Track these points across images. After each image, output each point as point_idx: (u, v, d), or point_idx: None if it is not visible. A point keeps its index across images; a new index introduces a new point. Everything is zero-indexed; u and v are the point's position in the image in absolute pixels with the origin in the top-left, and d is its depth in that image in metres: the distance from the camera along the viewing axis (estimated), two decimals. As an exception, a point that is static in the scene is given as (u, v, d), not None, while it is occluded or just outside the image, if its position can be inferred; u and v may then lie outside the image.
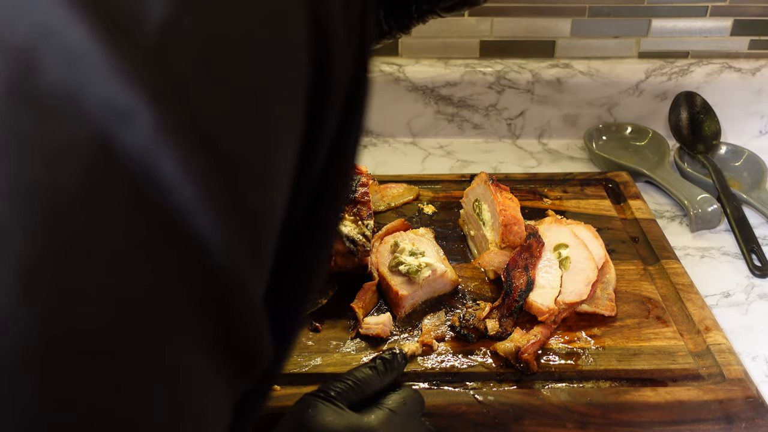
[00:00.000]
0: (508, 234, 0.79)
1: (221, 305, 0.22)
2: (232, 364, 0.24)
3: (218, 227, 0.21)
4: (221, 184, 0.21)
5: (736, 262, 0.88)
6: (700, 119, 1.11)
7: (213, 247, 0.21)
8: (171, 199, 0.20)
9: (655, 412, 0.63)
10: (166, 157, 0.20)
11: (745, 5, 1.12)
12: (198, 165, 0.20)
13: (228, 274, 0.22)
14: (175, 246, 0.21)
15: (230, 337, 0.23)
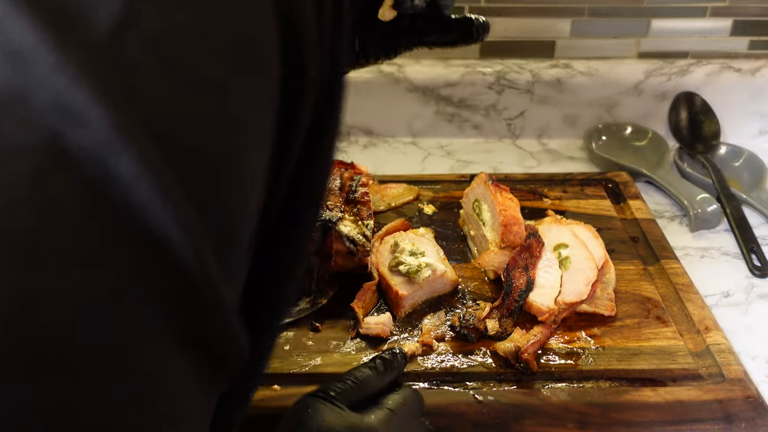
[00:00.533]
0: (508, 234, 0.79)
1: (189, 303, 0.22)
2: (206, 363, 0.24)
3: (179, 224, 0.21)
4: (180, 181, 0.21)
5: (736, 262, 0.88)
6: (700, 119, 1.11)
7: (176, 245, 0.21)
8: (129, 198, 0.20)
9: (655, 412, 0.63)
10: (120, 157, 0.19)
11: (745, 5, 1.12)
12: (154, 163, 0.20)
13: (193, 271, 0.21)
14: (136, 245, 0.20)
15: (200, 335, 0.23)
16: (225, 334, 0.24)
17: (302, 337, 0.73)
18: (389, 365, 0.58)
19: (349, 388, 0.54)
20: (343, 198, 0.80)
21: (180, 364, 0.23)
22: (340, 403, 0.52)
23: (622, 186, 0.98)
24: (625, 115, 1.16)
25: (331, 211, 0.78)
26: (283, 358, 0.70)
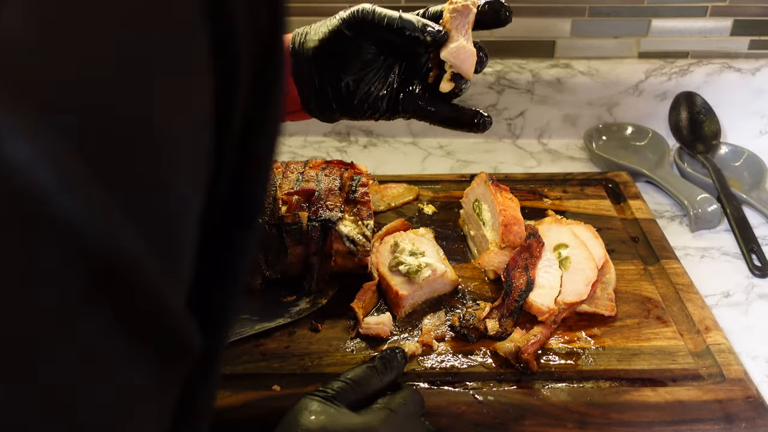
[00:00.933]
0: (508, 234, 0.79)
1: (113, 286, 0.21)
2: (150, 352, 0.23)
3: (84, 205, 0.20)
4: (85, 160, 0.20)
5: (736, 262, 0.88)
6: (700, 119, 1.11)
7: (86, 227, 0.20)
8: (28, 183, 0.19)
9: (655, 412, 0.63)
10: (12, 141, 0.18)
11: (745, 5, 1.12)
12: (49, 144, 0.19)
13: (109, 252, 0.21)
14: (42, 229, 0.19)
15: (135, 320, 0.22)
16: (163, 320, 0.23)
17: (302, 337, 0.73)
18: (389, 365, 0.58)
19: (348, 388, 0.54)
20: (343, 198, 0.80)
21: (118, 352, 0.22)
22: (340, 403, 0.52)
23: (622, 186, 0.98)
24: (625, 115, 1.16)
25: (331, 211, 0.78)
26: (283, 358, 0.70)
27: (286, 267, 0.78)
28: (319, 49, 0.66)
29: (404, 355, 0.61)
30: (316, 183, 0.81)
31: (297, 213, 0.78)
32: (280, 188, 0.80)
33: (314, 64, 0.67)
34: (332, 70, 0.67)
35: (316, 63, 0.67)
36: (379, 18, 0.64)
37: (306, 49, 0.67)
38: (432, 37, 0.63)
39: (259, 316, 0.75)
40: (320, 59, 0.67)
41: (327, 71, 0.67)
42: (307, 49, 0.67)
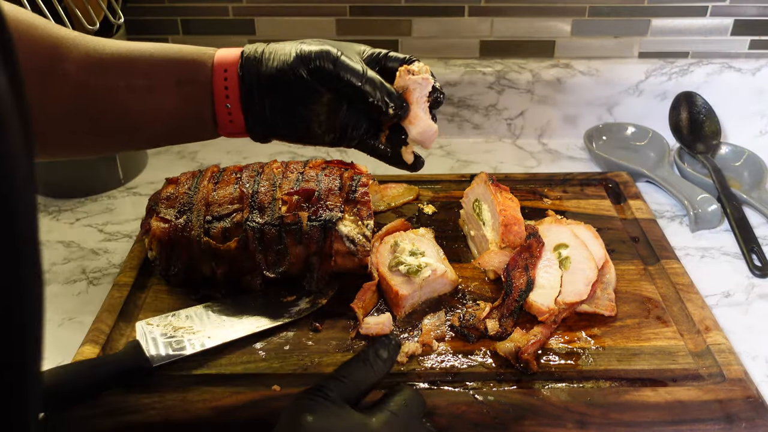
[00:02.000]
0: (508, 234, 0.79)
1: None
2: None
3: None
4: None
5: (736, 262, 0.88)
6: (700, 119, 1.11)
7: None
8: None
9: (655, 412, 0.63)
10: None
11: (745, 5, 1.12)
12: None
13: None
14: None
15: None
16: None
17: (302, 337, 0.73)
18: (381, 357, 0.57)
19: (345, 387, 0.54)
20: (343, 198, 0.80)
21: None
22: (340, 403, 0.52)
23: (622, 186, 0.98)
24: (625, 115, 1.16)
25: (331, 211, 0.78)
26: (283, 358, 0.70)
27: (286, 267, 0.78)
28: (275, 84, 0.65)
29: (398, 344, 0.60)
30: (316, 183, 0.81)
31: (297, 213, 0.78)
32: (280, 188, 0.80)
33: (267, 95, 0.65)
34: (286, 104, 0.66)
35: (269, 95, 0.65)
36: (342, 74, 0.63)
37: (260, 77, 0.65)
38: (394, 112, 0.65)
39: (259, 316, 0.75)
40: (274, 92, 0.65)
41: (280, 104, 0.66)
42: (262, 78, 0.65)
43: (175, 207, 0.80)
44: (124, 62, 0.64)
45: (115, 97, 0.64)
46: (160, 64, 0.65)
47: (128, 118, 0.65)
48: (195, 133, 0.69)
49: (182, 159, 1.14)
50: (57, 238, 0.94)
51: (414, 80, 0.66)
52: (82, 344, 0.71)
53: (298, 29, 1.15)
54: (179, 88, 0.65)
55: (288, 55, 0.65)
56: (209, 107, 0.65)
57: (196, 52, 0.66)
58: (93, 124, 0.65)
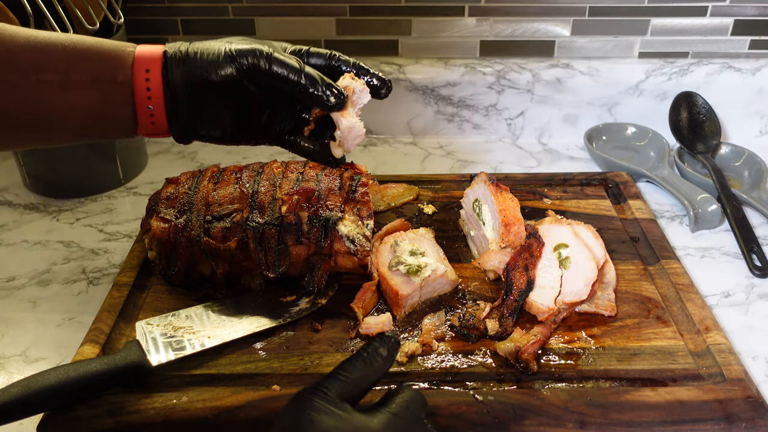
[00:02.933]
0: (508, 234, 0.79)
1: None
2: None
3: None
4: None
5: (736, 262, 0.88)
6: (700, 119, 1.11)
7: None
8: None
9: (655, 412, 0.63)
10: None
11: (745, 5, 1.12)
12: None
13: None
14: None
15: None
16: None
17: (302, 337, 0.73)
18: (381, 354, 0.56)
19: (345, 385, 0.53)
20: (343, 198, 0.80)
21: None
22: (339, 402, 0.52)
23: (622, 186, 0.98)
24: (625, 114, 1.16)
25: (331, 211, 0.78)
26: (283, 358, 0.70)
27: (286, 267, 0.78)
28: (203, 85, 0.63)
29: (397, 342, 0.58)
30: (316, 183, 0.81)
31: (297, 213, 0.78)
32: (280, 188, 0.80)
33: (194, 96, 0.64)
34: (213, 105, 0.65)
35: (196, 96, 0.64)
36: (276, 70, 0.63)
37: (187, 78, 0.63)
38: (336, 101, 0.66)
39: (259, 316, 0.75)
40: (202, 93, 0.64)
41: (207, 105, 0.65)
42: (189, 79, 0.63)
43: (175, 207, 0.80)
44: (36, 55, 0.60)
45: (25, 93, 0.60)
46: (74, 59, 0.62)
47: (39, 116, 0.62)
48: (112, 132, 0.67)
49: (182, 159, 1.14)
50: (57, 238, 0.94)
51: (357, 84, 0.69)
52: (82, 344, 0.71)
53: (298, 29, 1.15)
54: (95, 86, 0.62)
55: (217, 54, 0.64)
56: (129, 107, 0.64)
57: (115, 48, 0.64)
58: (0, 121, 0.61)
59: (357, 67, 0.71)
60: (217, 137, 0.68)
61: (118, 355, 0.67)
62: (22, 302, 0.83)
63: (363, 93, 0.70)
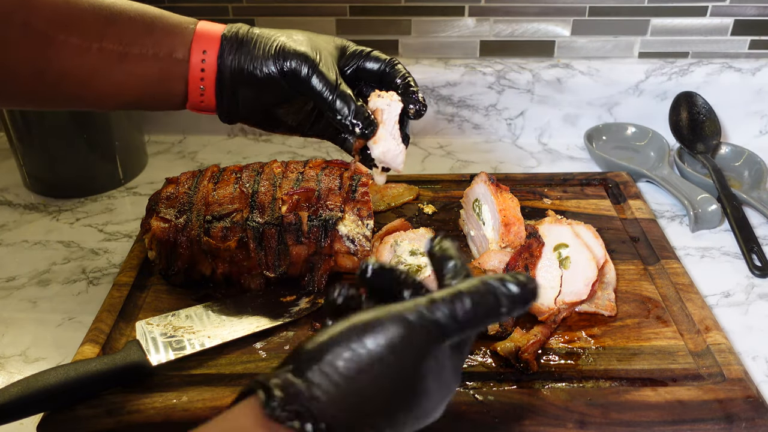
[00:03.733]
0: (508, 234, 0.79)
1: None
2: None
3: None
4: None
5: (736, 262, 0.88)
6: (700, 119, 1.11)
7: None
8: None
9: (655, 412, 0.63)
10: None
11: (745, 5, 1.12)
12: None
13: None
14: None
15: None
16: None
17: (302, 337, 0.73)
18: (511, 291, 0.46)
19: None
20: (343, 198, 0.80)
21: None
22: None
23: (622, 186, 0.98)
24: (625, 114, 1.16)
25: (331, 211, 0.78)
26: (282, 358, 0.70)
27: (286, 267, 0.78)
28: (249, 78, 0.64)
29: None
30: (316, 183, 0.81)
31: (297, 213, 0.78)
32: (280, 188, 0.80)
33: (241, 86, 0.64)
34: (258, 97, 0.65)
35: (242, 86, 0.65)
36: (314, 84, 0.63)
37: (237, 68, 0.64)
38: (361, 132, 0.64)
39: (259, 316, 0.75)
40: (248, 85, 0.64)
41: (252, 97, 0.65)
42: (239, 70, 0.64)
43: (175, 207, 0.80)
44: (100, 21, 0.59)
45: (85, 59, 0.59)
46: (138, 31, 0.61)
47: (95, 82, 0.61)
48: (162, 105, 0.66)
49: (182, 159, 1.14)
50: (57, 238, 0.94)
51: (383, 102, 0.66)
52: (82, 344, 0.71)
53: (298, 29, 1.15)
54: (154, 61, 0.62)
55: (268, 49, 0.63)
56: (182, 84, 0.64)
57: (178, 23, 0.64)
58: (53, 86, 0.60)
59: (405, 85, 0.68)
60: (261, 126, 0.69)
61: (118, 355, 0.67)
62: (22, 302, 0.83)
63: (392, 106, 0.66)
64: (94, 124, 1.00)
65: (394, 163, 0.68)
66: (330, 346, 0.41)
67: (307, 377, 0.40)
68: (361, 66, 0.68)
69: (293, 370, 0.41)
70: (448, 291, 0.44)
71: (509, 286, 0.45)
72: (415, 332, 0.42)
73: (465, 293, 0.43)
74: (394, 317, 0.42)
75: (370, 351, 0.40)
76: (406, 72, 0.69)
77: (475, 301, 0.43)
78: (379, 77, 0.69)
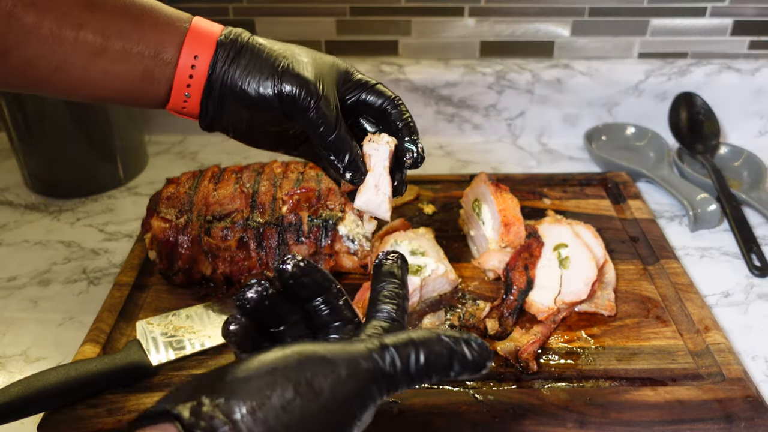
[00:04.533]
0: (508, 234, 0.79)
1: None
2: None
3: None
4: None
5: (736, 262, 0.88)
6: (700, 119, 1.11)
7: None
8: None
9: (655, 412, 0.63)
10: None
11: (745, 5, 1.12)
12: None
13: None
14: None
15: None
16: None
17: (302, 337, 0.73)
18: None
19: None
20: (344, 198, 0.80)
21: None
22: None
23: (622, 186, 0.98)
24: (625, 115, 1.16)
25: (332, 211, 0.78)
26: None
27: (287, 267, 0.78)
28: (241, 100, 0.58)
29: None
30: (316, 183, 0.81)
31: (297, 213, 0.78)
32: (281, 188, 0.80)
33: (224, 97, 0.58)
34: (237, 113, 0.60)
35: (230, 105, 0.59)
36: (313, 119, 0.57)
37: (226, 80, 0.57)
38: (351, 179, 0.60)
39: (259, 316, 0.75)
40: (238, 106, 0.59)
41: (239, 116, 0.60)
42: (228, 83, 0.57)
43: (176, 207, 0.80)
44: (80, 6, 0.53)
45: (58, 47, 0.52)
46: (124, 22, 0.54)
47: (67, 76, 0.54)
48: (139, 104, 0.60)
49: (183, 159, 1.14)
50: (57, 237, 0.94)
51: (371, 147, 0.61)
52: (82, 344, 0.71)
53: (298, 29, 1.15)
54: (137, 59, 0.55)
55: (267, 67, 0.57)
56: (165, 87, 0.57)
57: (170, 20, 0.57)
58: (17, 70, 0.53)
59: (406, 129, 0.63)
60: (240, 139, 0.63)
61: (118, 354, 0.67)
62: (23, 302, 0.83)
63: (381, 150, 0.61)
64: (95, 124, 1.00)
65: (377, 213, 0.62)
66: (270, 385, 0.37)
67: (235, 421, 0.35)
68: (363, 98, 0.62)
69: (220, 405, 0.35)
70: (399, 338, 0.41)
71: (464, 351, 0.42)
72: (366, 381, 0.39)
73: (419, 345, 0.41)
74: (348, 361, 0.39)
75: (317, 398, 0.37)
76: (409, 115, 0.64)
77: (429, 359, 0.41)
78: (378, 113, 0.63)
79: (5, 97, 0.96)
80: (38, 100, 0.95)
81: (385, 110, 0.63)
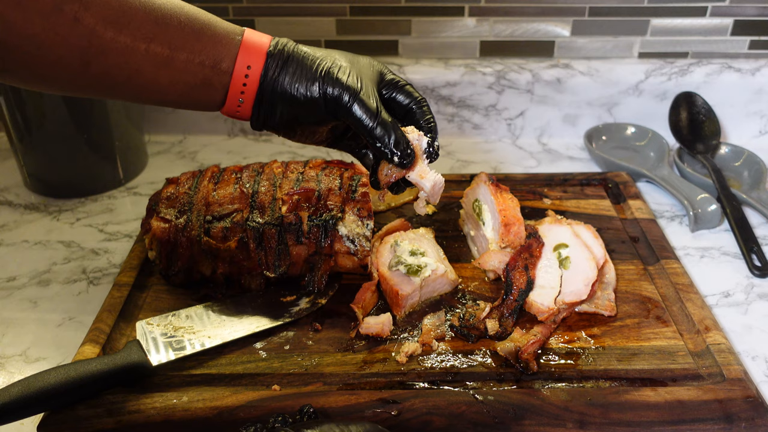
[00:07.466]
0: (508, 234, 0.79)
1: None
2: None
3: None
4: None
5: (736, 262, 0.88)
6: (700, 119, 1.11)
7: None
8: None
9: (655, 412, 0.63)
10: None
11: (745, 5, 1.12)
12: None
13: None
14: None
15: None
16: None
17: (302, 337, 0.73)
18: None
19: None
20: (343, 198, 0.80)
21: None
22: None
23: (622, 186, 0.98)
24: (625, 115, 1.16)
25: (331, 211, 0.78)
26: (283, 358, 0.70)
27: (287, 267, 0.78)
28: (286, 96, 0.65)
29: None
30: (316, 183, 0.81)
31: (297, 213, 0.78)
32: (280, 188, 0.80)
33: (280, 105, 0.66)
34: (295, 117, 0.67)
35: (281, 107, 0.66)
36: (355, 112, 0.65)
37: (278, 89, 0.65)
38: (399, 161, 0.66)
39: (259, 316, 0.75)
40: (287, 105, 0.66)
41: (288, 115, 0.67)
42: (278, 88, 0.65)
43: (176, 207, 0.80)
44: (150, 22, 0.59)
45: (130, 58, 0.59)
46: (187, 37, 0.62)
47: (138, 82, 0.61)
48: (197, 108, 0.68)
49: (182, 159, 1.14)
50: (57, 238, 0.94)
51: (413, 136, 0.68)
52: (82, 344, 0.71)
53: (298, 29, 1.15)
54: (199, 69, 0.63)
55: (312, 72, 0.65)
56: (222, 93, 0.65)
57: (226, 33, 0.64)
58: (96, 78, 0.60)
59: (428, 129, 0.70)
60: (288, 136, 0.71)
61: (118, 355, 0.67)
62: (23, 302, 0.83)
63: (421, 141, 0.68)
64: (95, 124, 1.00)
65: (437, 195, 0.70)
66: None
67: None
68: (392, 96, 0.70)
69: None
70: None
71: None
72: None
73: None
74: None
75: None
76: (432, 117, 0.71)
77: None
78: (404, 111, 0.70)
79: (5, 97, 0.96)
80: (38, 100, 0.95)
81: (411, 109, 0.70)
